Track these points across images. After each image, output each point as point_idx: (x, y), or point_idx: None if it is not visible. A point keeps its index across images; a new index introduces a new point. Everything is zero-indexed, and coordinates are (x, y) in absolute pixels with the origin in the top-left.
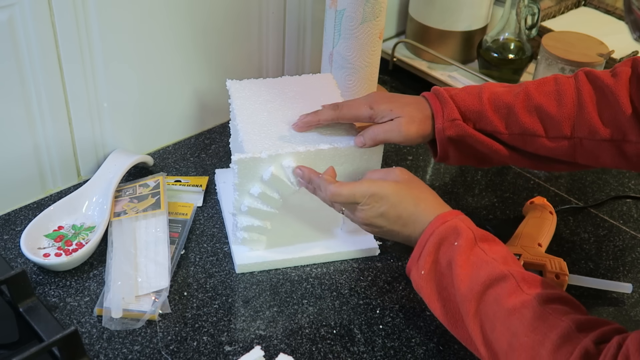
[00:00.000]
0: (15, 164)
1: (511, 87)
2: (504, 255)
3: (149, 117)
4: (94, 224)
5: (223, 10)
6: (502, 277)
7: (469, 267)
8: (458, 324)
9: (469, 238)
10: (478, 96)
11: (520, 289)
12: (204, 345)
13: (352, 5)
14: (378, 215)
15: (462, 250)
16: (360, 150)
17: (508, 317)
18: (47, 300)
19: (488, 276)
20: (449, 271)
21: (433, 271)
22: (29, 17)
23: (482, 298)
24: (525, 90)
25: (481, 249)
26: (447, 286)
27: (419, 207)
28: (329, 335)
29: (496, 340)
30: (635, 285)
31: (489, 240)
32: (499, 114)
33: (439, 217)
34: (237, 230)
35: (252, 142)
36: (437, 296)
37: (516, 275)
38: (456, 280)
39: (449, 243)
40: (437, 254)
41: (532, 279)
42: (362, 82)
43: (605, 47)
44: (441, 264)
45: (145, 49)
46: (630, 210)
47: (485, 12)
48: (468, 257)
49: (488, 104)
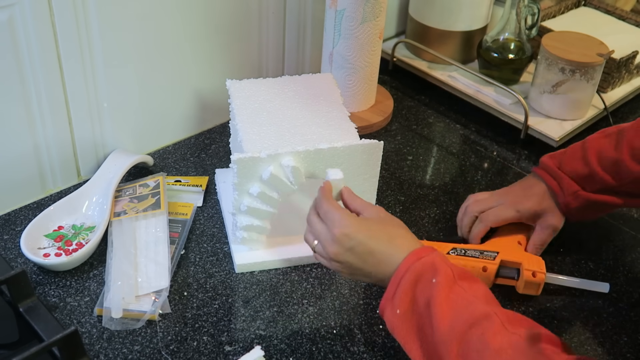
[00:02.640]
0: (15, 164)
1: (611, 136)
2: (485, 294)
3: (149, 117)
4: (94, 224)
5: (223, 10)
6: (486, 317)
7: (450, 306)
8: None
9: (448, 275)
10: (584, 160)
11: (505, 328)
12: (204, 345)
13: (352, 5)
14: (347, 249)
15: (441, 287)
16: (359, 150)
17: (495, 357)
18: (47, 300)
19: (470, 315)
20: (428, 310)
21: (410, 311)
22: (29, 17)
23: (465, 338)
24: (626, 138)
25: (461, 287)
26: (424, 326)
27: (392, 243)
28: (329, 335)
29: None
30: (635, 285)
31: (468, 278)
32: (609, 172)
33: (413, 253)
34: (237, 230)
35: (251, 141)
36: (415, 336)
37: (500, 315)
38: (435, 320)
39: (426, 280)
40: (414, 291)
41: (515, 318)
42: (362, 82)
43: (605, 47)
44: (419, 304)
45: (145, 49)
46: (630, 210)
47: (485, 12)
48: (448, 296)
49: (597, 166)
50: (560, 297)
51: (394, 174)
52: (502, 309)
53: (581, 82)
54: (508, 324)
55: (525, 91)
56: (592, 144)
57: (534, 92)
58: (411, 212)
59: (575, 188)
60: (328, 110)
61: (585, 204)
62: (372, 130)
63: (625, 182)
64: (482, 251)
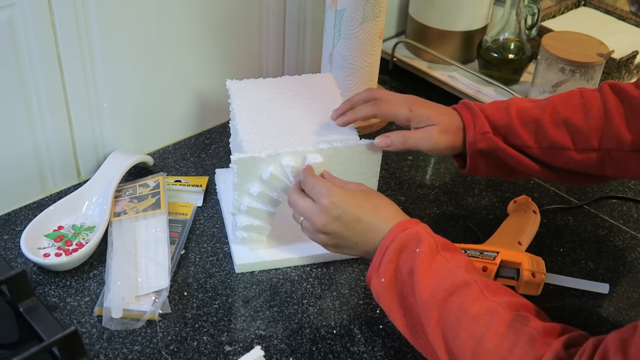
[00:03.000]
0: (15, 164)
1: (537, 102)
2: (466, 264)
3: (149, 117)
4: (94, 224)
5: (223, 10)
6: (466, 284)
7: (431, 274)
8: (419, 334)
9: (431, 245)
10: (506, 110)
11: (484, 295)
12: (204, 345)
13: (352, 5)
14: (335, 218)
15: (423, 257)
16: (359, 150)
17: (472, 323)
18: (47, 300)
19: (451, 283)
20: (410, 279)
21: (394, 279)
22: (29, 17)
23: (445, 305)
24: (551, 104)
25: (443, 257)
26: (407, 295)
27: (378, 212)
28: (329, 335)
29: (459, 348)
30: (635, 285)
31: (451, 249)
32: (528, 128)
33: (399, 224)
34: (237, 230)
35: (251, 141)
36: (398, 304)
37: (479, 282)
38: (417, 288)
39: (410, 250)
40: (398, 261)
41: (495, 287)
42: (362, 82)
43: (605, 47)
44: (402, 272)
45: (145, 49)
46: (630, 210)
47: (485, 12)
48: (430, 265)
49: (516, 119)
50: (560, 297)
51: (394, 174)
52: (482, 277)
53: (581, 82)
54: (487, 291)
55: (525, 91)
56: (518, 101)
57: (534, 92)
58: (411, 212)
59: (487, 129)
60: (328, 110)
61: (493, 150)
62: (372, 130)
63: (543, 147)
64: (482, 251)
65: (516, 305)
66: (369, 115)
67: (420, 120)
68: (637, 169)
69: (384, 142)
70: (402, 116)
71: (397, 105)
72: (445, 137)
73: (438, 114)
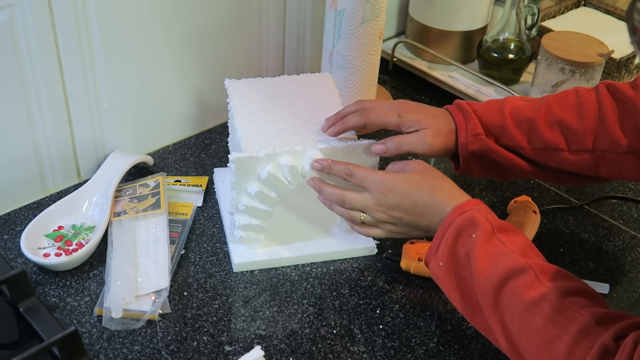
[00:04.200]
0: (15, 164)
1: (532, 101)
2: (522, 247)
3: (149, 117)
4: (94, 224)
5: (223, 10)
6: (521, 270)
7: (487, 259)
8: (477, 315)
9: (487, 230)
10: (500, 111)
11: (539, 281)
12: (204, 345)
13: (352, 5)
14: (393, 207)
15: (479, 242)
16: (357, 150)
17: (527, 310)
18: (47, 300)
19: (506, 269)
20: (467, 263)
21: (451, 262)
22: (29, 17)
23: (501, 291)
24: (546, 104)
25: (499, 240)
26: (465, 277)
27: (434, 195)
28: (329, 335)
29: (516, 332)
30: (635, 285)
31: (507, 230)
32: (521, 129)
33: (456, 208)
34: (235, 229)
35: (249, 141)
36: (456, 287)
37: (535, 267)
38: (474, 272)
39: (466, 235)
40: (455, 245)
41: (551, 271)
42: (362, 82)
43: (605, 47)
44: (459, 256)
45: (145, 49)
46: (630, 210)
47: (485, 12)
48: (486, 249)
49: (510, 119)
50: None
51: None
52: (538, 261)
53: (581, 82)
54: (543, 276)
55: (525, 91)
56: (512, 101)
57: (534, 92)
58: None
59: (480, 131)
60: (326, 110)
61: (485, 151)
62: (371, 130)
63: (537, 147)
64: None
65: (572, 290)
66: (359, 124)
67: (410, 125)
68: (631, 170)
69: (380, 149)
70: (391, 123)
71: (386, 113)
72: (439, 139)
73: (428, 118)
